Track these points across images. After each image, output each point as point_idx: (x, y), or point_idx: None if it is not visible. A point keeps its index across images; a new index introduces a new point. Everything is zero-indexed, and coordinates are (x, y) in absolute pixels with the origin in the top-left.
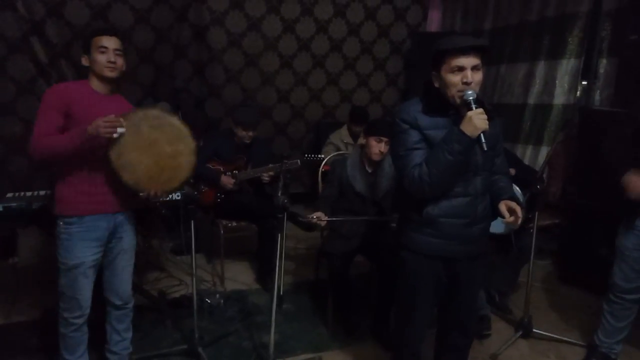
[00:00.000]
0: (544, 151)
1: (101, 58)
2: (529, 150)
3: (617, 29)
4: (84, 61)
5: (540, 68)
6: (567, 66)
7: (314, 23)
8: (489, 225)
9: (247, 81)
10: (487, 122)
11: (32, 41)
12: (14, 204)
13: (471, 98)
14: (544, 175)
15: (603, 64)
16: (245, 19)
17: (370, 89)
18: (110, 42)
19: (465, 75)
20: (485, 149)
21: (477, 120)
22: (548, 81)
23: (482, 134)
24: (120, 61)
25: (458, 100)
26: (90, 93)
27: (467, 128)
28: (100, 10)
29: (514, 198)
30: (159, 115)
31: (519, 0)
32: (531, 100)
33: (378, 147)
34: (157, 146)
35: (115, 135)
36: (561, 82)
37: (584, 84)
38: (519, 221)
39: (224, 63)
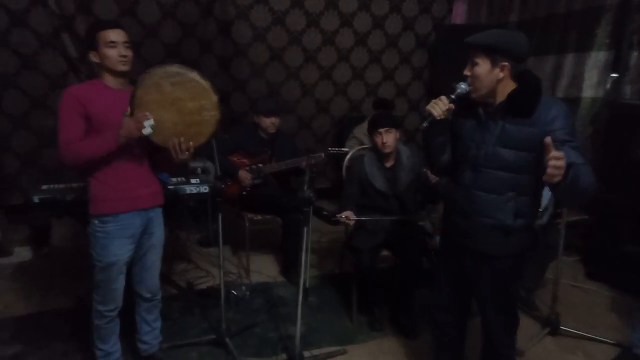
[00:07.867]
0: None
1: (112, 53)
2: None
3: None
4: (94, 57)
5: (569, 61)
6: (595, 59)
7: (338, 17)
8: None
9: (272, 76)
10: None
11: (63, 37)
12: (49, 196)
13: (458, 91)
14: None
15: (634, 57)
16: (270, 13)
17: (396, 83)
18: (118, 36)
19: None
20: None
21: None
22: (576, 75)
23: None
24: (131, 53)
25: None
26: (105, 90)
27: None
28: (129, 7)
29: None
30: (180, 72)
31: None
32: (559, 93)
33: (381, 139)
34: (180, 103)
35: (145, 132)
36: (590, 76)
37: (613, 77)
38: (556, 173)
39: (249, 58)
